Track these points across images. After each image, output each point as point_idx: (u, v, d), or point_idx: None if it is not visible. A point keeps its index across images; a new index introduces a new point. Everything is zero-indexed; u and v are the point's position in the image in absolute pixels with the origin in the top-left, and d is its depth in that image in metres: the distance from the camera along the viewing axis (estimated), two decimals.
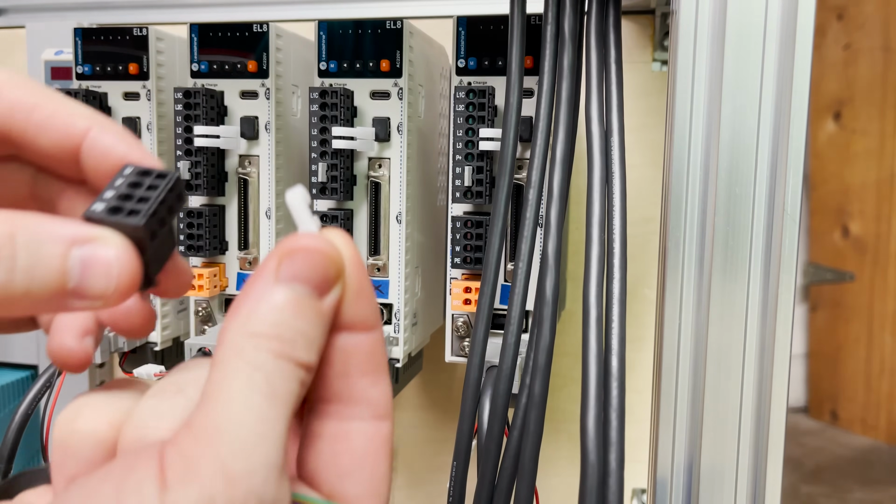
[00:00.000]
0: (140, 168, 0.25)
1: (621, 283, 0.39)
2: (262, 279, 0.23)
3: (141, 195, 0.24)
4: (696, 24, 0.36)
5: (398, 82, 0.51)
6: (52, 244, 0.23)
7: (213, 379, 0.22)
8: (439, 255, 0.61)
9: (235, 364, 0.22)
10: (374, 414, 0.25)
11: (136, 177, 0.25)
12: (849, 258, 2.07)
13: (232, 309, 0.23)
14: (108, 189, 0.24)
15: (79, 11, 0.77)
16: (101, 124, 0.27)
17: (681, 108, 0.37)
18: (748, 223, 0.36)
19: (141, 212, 0.24)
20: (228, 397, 0.22)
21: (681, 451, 0.38)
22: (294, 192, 0.24)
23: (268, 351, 0.22)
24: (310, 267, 0.23)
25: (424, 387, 0.74)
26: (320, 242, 0.24)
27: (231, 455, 0.21)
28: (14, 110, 0.26)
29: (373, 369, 0.25)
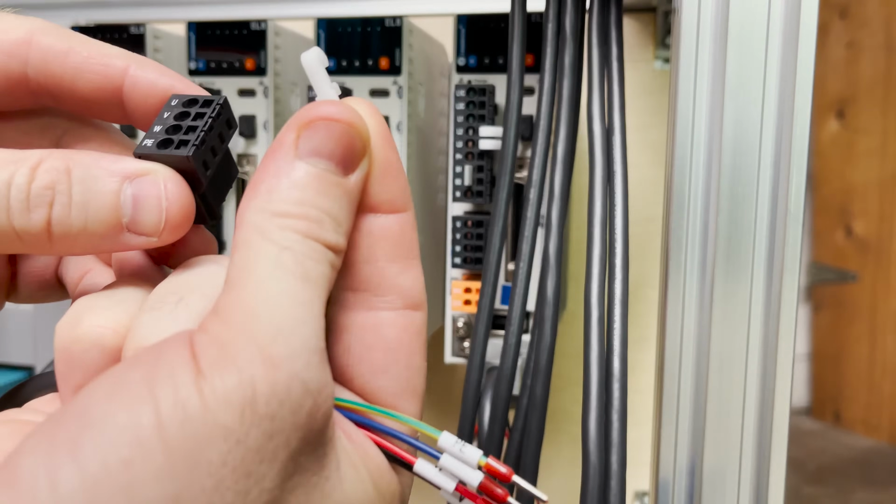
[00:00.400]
0: (186, 97, 0.25)
1: (623, 283, 0.39)
2: (282, 153, 0.22)
3: (189, 125, 0.24)
4: (699, 22, 0.36)
5: (398, 80, 0.51)
6: (105, 179, 0.23)
7: (236, 262, 0.21)
8: (439, 255, 0.61)
9: (261, 245, 0.21)
10: (405, 303, 0.24)
11: (182, 107, 0.24)
12: (852, 258, 2.07)
13: (250, 187, 0.22)
14: (156, 124, 0.24)
15: (76, 9, 0.76)
16: (139, 61, 0.26)
17: (683, 106, 0.36)
18: (751, 223, 0.36)
19: (189, 142, 0.23)
20: (258, 279, 0.20)
21: (683, 452, 0.38)
22: (310, 54, 0.22)
23: (294, 230, 0.21)
24: (333, 140, 0.22)
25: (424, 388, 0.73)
26: (343, 112, 0.22)
27: (269, 338, 0.20)
28: (48, 57, 0.25)
29: (403, 255, 0.24)
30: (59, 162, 0.22)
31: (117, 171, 0.23)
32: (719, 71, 0.36)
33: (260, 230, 0.21)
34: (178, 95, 0.25)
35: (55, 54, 0.26)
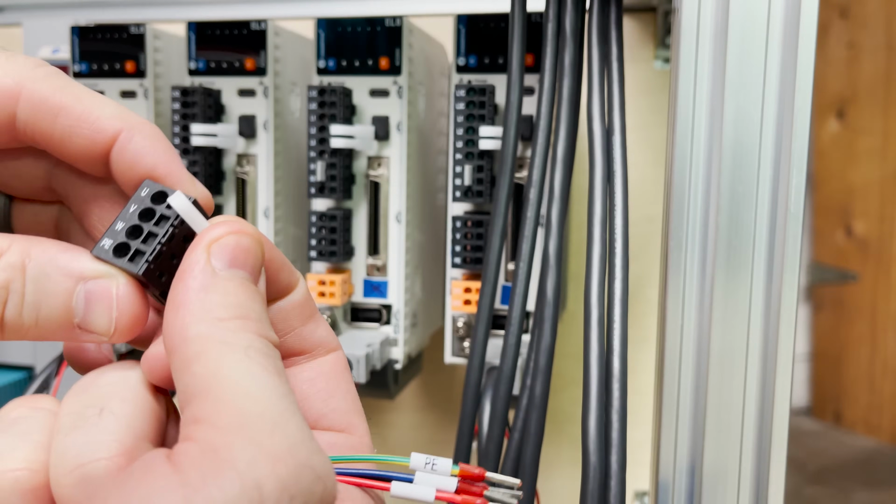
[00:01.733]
0: (156, 189, 0.25)
1: (623, 283, 0.39)
2: (199, 271, 0.22)
3: (150, 230, 0.24)
4: (699, 22, 0.36)
5: (398, 80, 0.51)
6: (59, 279, 0.23)
7: (199, 373, 0.21)
8: (439, 255, 0.61)
9: (221, 350, 0.21)
10: (327, 349, 0.27)
11: (150, 202, 0.24)
12: (852, 258, 2.07)
13: (172, 308, 0.22)
14: (119, 219, 0.24)
15: (75, 9, 0.76)
16: (131, 129, 0.26)
17: (683, 106, 0.36)
18: (751, 222, 0.36)
19: (143, 256, 0.24)
20: (235, 380, 0.20)
21: (683, 452, 0.38)
22: (177, 199, 0.24)
23: (247, 331, 0.22)
24: (244, 252, 0.23)
25: (424, 388, 0.73)
26: (244, 226, 0.24)
27: (267, 434, 0.19)
28: (37, 115, 0.25)
29: (310, 314, 0.27)
30: (16, 257, 0.23)
31: (72, 272, 0.23)
32: (719, 71, 0.36)
33: (212, 338, 0.21)
34: (150, 184, 0.25)
35: (45, 112, 0.25)
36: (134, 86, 0.56)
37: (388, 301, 0.53)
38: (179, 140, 0.52)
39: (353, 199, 0.52)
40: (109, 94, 0.57)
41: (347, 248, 0.52)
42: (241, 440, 0.19)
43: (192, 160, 0.52)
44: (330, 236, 0.50)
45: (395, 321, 0.53)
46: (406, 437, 0.74)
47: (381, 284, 0.53)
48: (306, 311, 0.26)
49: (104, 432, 0.21)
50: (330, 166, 0.50)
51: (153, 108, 0.56)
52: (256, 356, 0.21)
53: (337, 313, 0.53)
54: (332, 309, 0.53)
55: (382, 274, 0.53)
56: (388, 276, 0.52)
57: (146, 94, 0.56)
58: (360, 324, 0.54)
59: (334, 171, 0.50)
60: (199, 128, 0.52)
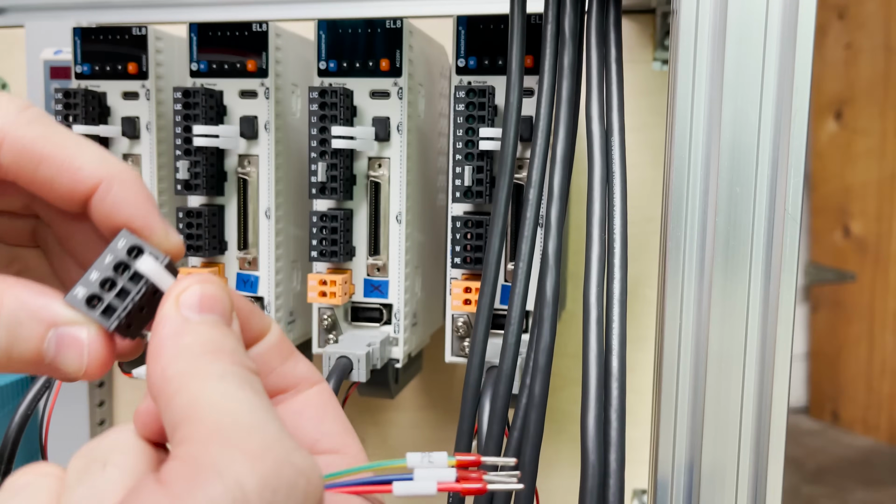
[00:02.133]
0: (132, 243, 0.25)
1: (622, 283, 0.39)
2: (172, 321, 0.23)
3: (123, 285, 0.25)
4: (697, 24, 0.36)
5: (398, 82, 0.51)
6: (31, 325, 0.24)
7: (179, 405, 0.21)
8: (439, 255, 0.61)
9: (199, 381, 0.22)
10: (311, 383, 0.28)
11: (126, 254, 0.25)
12: (850, 258, 2.07)
13: (150, 358, 0.23)
14: (94, 268, 0.25)
15: (78, 11, 0.76)
16: (111, 178, 0.26)
17: (682, 107, 0.37)
18: (749, 223, 0.36)
19: (115, 312, 0.25)
20: (211, 401, 0.21)
21: (681, 451, 0.38)
22: (146, 264, 0.25)
23: (223, 360, 0.22)
24: (210, 300, 0.24)
25: (424, 387, 0.74)
26: (209, 277, 0.25)
27: (244, 436, 0.20)
28: (20, 161, 0.26)
29: (288, 353, 0.28)
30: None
31: (44, 319, 0.24)
32: (717, 72, 0.36)
33: (189, 372, 0.22)
34: (126, 235, 0.26)
35: (27, 160, 0.26)
36: (136, 87, 0.56)
37: (389, 301, 0.53)
38: (181, 141, 0.52)
39: (354, 199, 0.52)
40: (111, 95, 0.57)
41: (348, 248, 0.52)
42: (218, 445, 0.20)
43: (194, 161, 0.52)
44: (331, 236, 0.51)
45: (395, 321, 0.53)
46: (406, 436, 0.75)
47: (382, 284, 0.53)
48: (283, 351, 0.27)
49: (108, 482, 0.22)
50: (331, 167, 0.50)
51: (155, 109, 0.56)
52: (233, 379, 0.22)
53: (338, 313, 0.54)
54: (333, 308, 0.53)
55: (383, 274, 0.53)
56: (388, 276, 0.53)
57: (148, 96, 0.56)
58: (360, 323, 0.54)
59: (335, 172, 0.50)
60: (201, 129, 0.52)
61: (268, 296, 0.55)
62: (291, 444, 0.21)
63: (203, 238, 0.53)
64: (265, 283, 0.55)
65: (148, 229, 0.26)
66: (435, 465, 0.25)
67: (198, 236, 0.53)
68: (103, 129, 0.56)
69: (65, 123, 0.55)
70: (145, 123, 0.57)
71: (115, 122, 0.57)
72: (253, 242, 0.55)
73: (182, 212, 0.53)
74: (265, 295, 0.55)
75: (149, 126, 0.57)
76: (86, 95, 0.55)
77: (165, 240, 0.27)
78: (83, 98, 0.55)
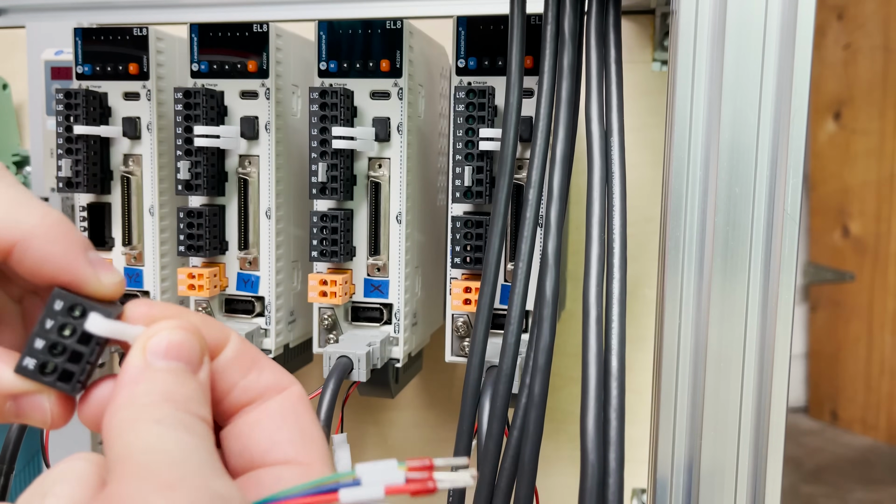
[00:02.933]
0: (71, 302, 0.25)
1: (621, 282, 0.39)
2: (135, 365, 0.24)
3: (73, 348, 0.25)
4: (696, 24, 0.36)
5: (398, 82, 0.51)
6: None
7: (118, 448, 0.22)
8: (439, 255, 0.61)
9: (137, 427, 0.22)
10: (276, 391, 0.27)
11: (66, 316, 0.25)
12: (849, 258, 2.07)
13: (109, 402, 0.23)
14: (36, 335, 0.24)
15: (79, 11, 0.77)
16: (25, 238, 0.25)
17: (681, 107, 0.37)
18: (748, 223, 0.36)
19: (74, 375, 0.25)
20: (145, 444, 0.21)
21: (681, 450, 0.38)
22: (95, 324, 0.24)
23: (168, 408, 0.23)
24: (176, 347, 0.24)
25: (424, 387, 0.74)
26: (172, 327, 0.25)
27: (163, 471, 0.21)
28: None
29: (250, 365, 0.27)
30: None
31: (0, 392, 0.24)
32: (717, 72, 0.36)
33: (133, 420, 0.22)
34: (60, 293, 0.25)
35: None
36: (137, 87, 0.56)
37: (389, 300, 0.53)
38: (182, 141, 0.52)
39: (354, 199, 0.53)
40: (112, 95, 0.57)
41: (348, 249, 0.52)
42: (137, 480, 0.20)
43: (195, 161, 0.52)
44: (331, 236, 0.51)
45: (395, 320, 0.53)
46: (406, 436, 0.75)
47: (382, 284, 0.53)
48: (244, 363, 0.27)
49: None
50: (331, 167, 0.50)
51: (156, 109, 0.57)
52: (171, 422, 0.22)
53: (338, 313, 0.54)
54: (334, 308, 0.54)
55: (383, 274, 0.53)
56: (388, 276, 0.53)
57: (149, 96, 0.56)
58: (361, 323, 0.54)
59: (335, 172, 0.50)
60: (202, 129, 0.52)
61: (268, 296, 0.55)
62: (213, 472, 0.21)
63: (204, 238, 0.53)
64: (266, 282, 0.55)
65: (77, 282, 0.25)
66: (384, 470, 0.25)
67: (199, 236, 0.53)
68: (104, 130, 0.56)
69: (66, 124, 0.55)
70: (146, 124, 0.57)
71: (115, 122, 0.57)
72: (253, 242, 0.55)
73: (183, 212, 0.53)
74: (266, 295, 0.55)
75: (150, 126, 0.57)
76: (87, 96, 0.55)
77: (99, 286, 0.26)
78: (84, 98, 0.55)
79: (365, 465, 0.25)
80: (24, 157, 0.78)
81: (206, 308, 0.56)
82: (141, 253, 0.58)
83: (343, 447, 0.49)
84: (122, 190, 0.58)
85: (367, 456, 0.75)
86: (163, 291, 0.59)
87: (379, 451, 0.75)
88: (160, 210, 0.58)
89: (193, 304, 0.56)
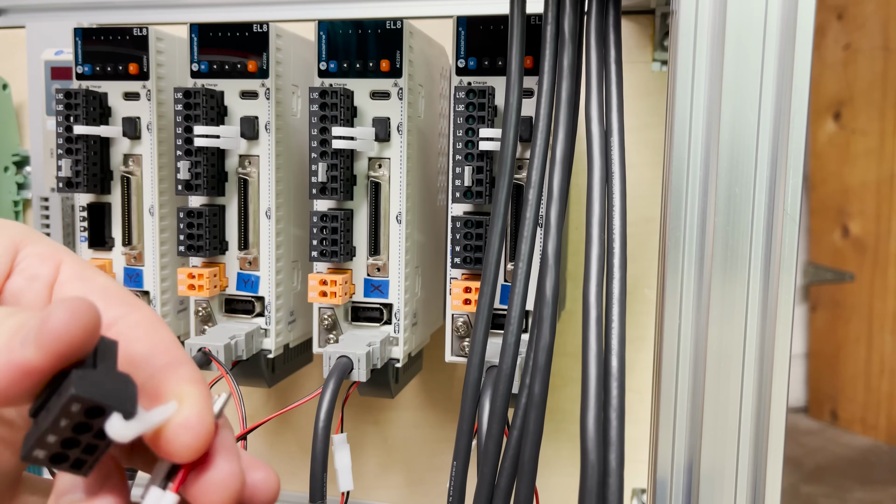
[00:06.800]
0: (86, 403, 0.22)
1: (621, 282, 0.39)
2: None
3: (88, 443, 0.23)
4: (696, 24, 0.36)
5: (398, 82, 0.51)
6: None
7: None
8: (439, 255, 0.61)
9: None
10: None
11: (82, 417, 0.22)
12: (849, 258, 2.07)
13: None
14: (48, 431, 0.22)
15: (79, 11, 0.77)
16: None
17: (681, 107, 0.37)
18: (748, 223, 0.36)
19: (87, 462, 0.23)
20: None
21: (681, 450, 0.38)
22: (115, 429, 0.23)
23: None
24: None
25: (424, 386, 0.74)
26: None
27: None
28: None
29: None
30: None
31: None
32: (716, 72, 0.36)
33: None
34: (78, 398, 0.22)
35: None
36: (137, 87, 0.57)
37: (389, 300, 0.53)
38: (182, 141, 0.52)
39: (354, 199, 0.53)
40: (112, 95, 0.57)
41: (348, 249, 0.52)
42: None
43: (195, 161, 0.53)
44: (331, 236, 0.51)
45: (395, 320, 0.53)
46: (406, 436, 0.75)
47: (382, 284, 0.53)
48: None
49: None
50: (331, 167, 0.50)
51: (156, 109, 0.57)
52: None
53: (338, 313, 0.54)
54: (334, 308, 0.54)
55: (383, 274, 0.53)
56: (388, 276, 0.53)
57: (149, 96, 0.56)
58: (360, 323, 0.54)
59: (335, 172, 0.50)
60: (202, 129, 0.52)
61: (268, 296, 0.55)
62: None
63: (204, 238, 0.53)
64: (266, 283, 0.55)
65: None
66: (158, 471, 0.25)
67: (199, 236, 0.53)
68: (104, 130, 0.56)
69: (66, 124, 0.55)
70: (146, 124, 0.57)
71: (115, 122, 0.57)
72: (253, 242, 0.55)
73: (183, 212, 0.53)
74: (266, 295, 0.55)
75: (150, 126, 0.57)
76: (87, 96, 0.55)
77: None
78: (84, 98, 0.55)
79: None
80: (24, 157, 0.78)
81: (206, 308, 0.56)
82: (141, 253, 0.58)
83: (343, 447, 0.49)
84: (122, 190, 0.58)
85: (368, 456, 0.75)
86: (163, 291, 0.59)
87: (379, 451, 0.75)
88: (160, 210, 0.58)
89: (193, 303, 0.56)
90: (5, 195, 0.77)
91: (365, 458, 0.75)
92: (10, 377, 0.22)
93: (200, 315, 0.56)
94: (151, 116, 0.57)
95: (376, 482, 0.76)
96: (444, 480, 0.74)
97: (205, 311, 0.56)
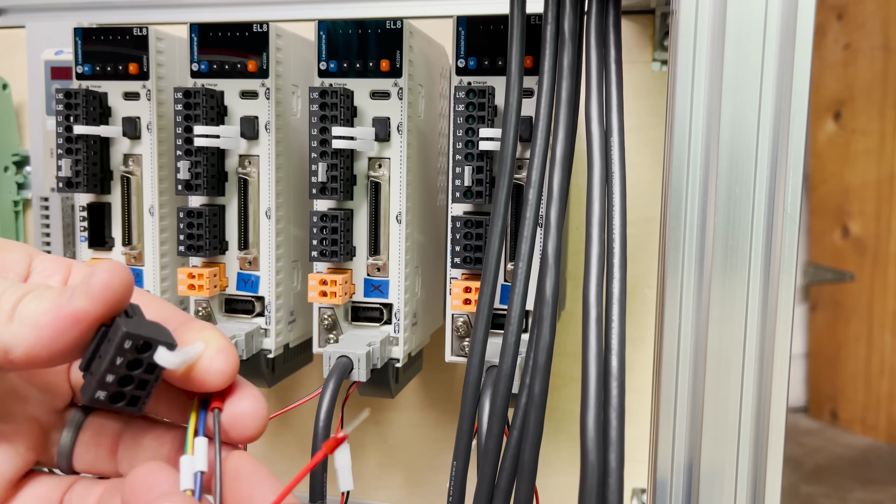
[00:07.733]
0: (136, 339, 0.26)
1: (621, 282, 0.39)
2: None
3: (141, 378, 0.27)
4: (696, 24, 0.36)
5: (398, 82, 0.51)
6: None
7: None
8: (439, 254, 0.61)
9: None
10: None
11: (134, 353, 0.26)
12: (849, 258, 2.07)
13: None
14: (106, 371, 0.26)
15: (79, 11, 0.77)
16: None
17: (681, 107, 0.37)
18: (748, 223, 0.36)
19: (140, 399, 0.27)
20: None
21: (681, 450, 0.38)
22: (162, 357, 0.27)
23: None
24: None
25: (424, 386, 0.74)
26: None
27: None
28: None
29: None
30: None
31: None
32: (716, 72, 0.36)
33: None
34: (129, 335, 0.26)
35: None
36: (137, 87, 0.57)
37: (389, 300, 0.53)
38: (182, 141, 0.52)
39: (354, 199, 0.53)
40: (112, 95, 0.57)
41: (348, 249, 0.52)
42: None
43: (195, 161, 0.53)
44: (331, 236, 0.51)
45: (395, 320, 0.53)
46: (406, 435, 0.75)
47: (382, 284, 0.53)
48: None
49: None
50: (331, 167, 0.50)
51: (156, 109, 0.57)
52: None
53: (338, 312, 0.54)
54: (334, 308, 0.54)
55: (383, 274, 0.53)
56: (388, 276, 0.53)
57: (149, 96, 0.56)
58: (360, 323, 0.54)
59: (335, 172, 0.50)
60: (202, 129, 0.52)
61: (268, 296, 0.55)
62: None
63: (204, 238, 0.53)
64: (265, 282, 0.55)
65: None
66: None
67: (198, 236, 0.53)
68: (104, 130, 0.56)
69: (66, 124, 0.55)
70: (146, 124, 0.57)
71: (115, 122, 0.57)
72: (253, 242, 0.55)
73: (183, 212, 0.53)
74: (266, 295, 0.55)
75: (149, 126, 0.57)
76: (87, 96, 0.55)
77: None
78: (84, 98, 0.55)
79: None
80: (24, 157, 0.78)
81: (206, 308, 0.56)
82: (141, 253, 0.58)
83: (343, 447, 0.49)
84: (122, 190, 0.58)
85: (367, 456, 0.75)
86: (163, 291, 0.59)
87: (379, 451, 0.75)
88: (160, 210, 0.58)
89: (193, 303, 0.56)
90: (5, 195, 0.77)
91: (365, 458, 0.75)
92: (63, 325, 0.25)
93: (200, 315, 0.56)
94: (151, 116, 0.57)
95: (376, 482, 0.76)
96: (444, 480, 0.74)
97: (205, 310, 0.56)
